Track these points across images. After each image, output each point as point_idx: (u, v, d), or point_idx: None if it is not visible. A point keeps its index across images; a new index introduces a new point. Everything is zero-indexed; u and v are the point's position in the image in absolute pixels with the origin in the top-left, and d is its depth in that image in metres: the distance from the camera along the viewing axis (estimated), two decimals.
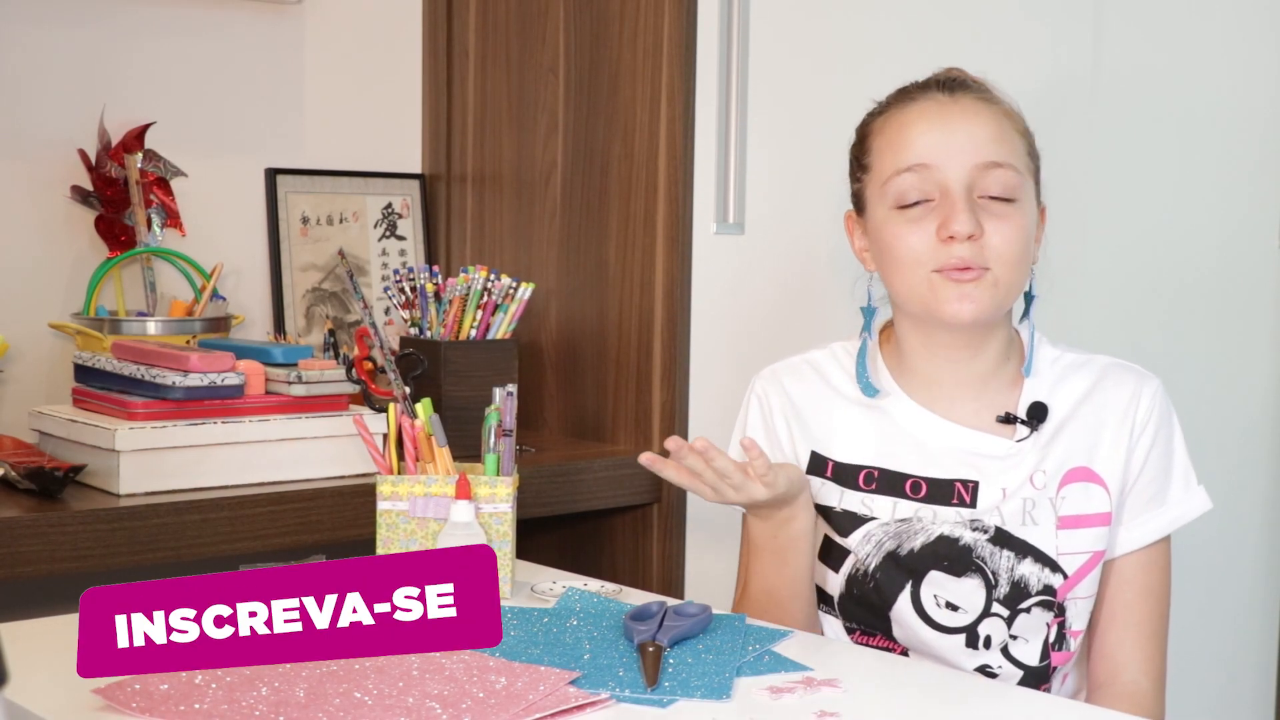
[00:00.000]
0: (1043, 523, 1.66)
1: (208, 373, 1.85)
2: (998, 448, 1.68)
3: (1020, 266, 1.64)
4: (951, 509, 1.66)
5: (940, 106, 1.65)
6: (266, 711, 1.24)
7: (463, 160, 2.47)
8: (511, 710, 1.25)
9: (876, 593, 1.67)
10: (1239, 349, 2.83)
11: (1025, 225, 1.64)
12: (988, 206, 1.62)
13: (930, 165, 1.62)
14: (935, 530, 1.66)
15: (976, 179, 1.62)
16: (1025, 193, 1.64)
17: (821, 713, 1.31)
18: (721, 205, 2.14)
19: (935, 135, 1.63)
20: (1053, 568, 1.66)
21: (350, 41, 2.42)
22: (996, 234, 1.61)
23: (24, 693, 1.28)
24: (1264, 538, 2.85)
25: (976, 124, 1.64)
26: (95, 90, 2.18)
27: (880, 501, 1.68)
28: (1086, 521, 1.67)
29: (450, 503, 1.62)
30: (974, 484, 1.67)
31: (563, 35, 2.28)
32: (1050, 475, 1.67)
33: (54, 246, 2.17)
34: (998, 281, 1.62)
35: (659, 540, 2.16)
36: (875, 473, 1.69)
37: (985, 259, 1.61)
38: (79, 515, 1.69)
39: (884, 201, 1.66)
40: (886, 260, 1.67)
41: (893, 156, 1.65)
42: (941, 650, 1.66)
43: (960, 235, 1.60)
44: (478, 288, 2.08)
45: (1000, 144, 1.63)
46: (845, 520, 1.69)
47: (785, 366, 1.78)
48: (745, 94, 2.14)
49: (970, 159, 1.62)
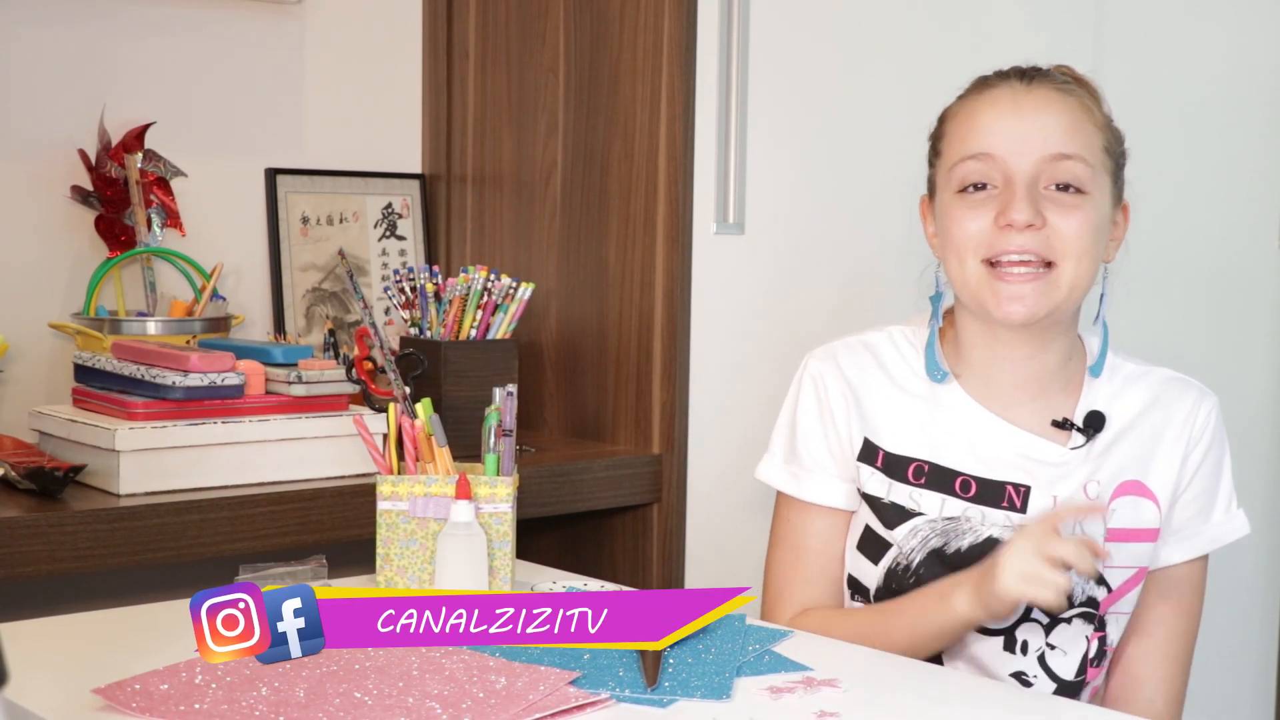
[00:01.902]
0: (1092, 534, 1.61)
1: (208, 373, 1.85)
2: (1051, 454, 1.64)
3: (1086, 261, 1.59)
4: (1001, 511, 1.62)
5: (1014, 95, 1.61)
6: (266, 711, 1.24)
7: (463, 160, 2.46)
8: (511, 710, 1.25)
9: (916, 589, 1.63)
10: (1239, 349, 2.83)
11: (1094, 219, 1.59)
12: (1054, 198, 1.58)
13: (995, 155, 1.59)
14: (984, 532, 1.62)
15: (1043, 170, 1.58)
16: (1097, 186, 1.60)
17: (821, 713, 1.30)
18: (721, 205, 2.14)
19: (1004, 124, 1.59)
20: (1098, 580, 1.62)
21: (350, 41, 2.42)
22: (1063, 224, 1.57)
23: (24, 693, 1.28)
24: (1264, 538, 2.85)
25: (1048, 114, 1.59)
26: (95, 90, 2.18)
27: (929, 497, 1.63)
28: (1135, 536, 1.64)
29: (450, 503, 1.62)
30: (1025, 488, 1.63)
31: (563, 35, 2.28)
32: (1104, 486, 1.64)
33: (54, 246, 2.17)
34: (1060, 278, 1.58)
35: (659, 540, 2.15)
36: (925, 467, 1.64)
37: (1050, 251, 1.57)
38: (79, 515, 1.69)
39: (949, 187, 1.62)
40: (945, 245, 1.63)
41: (961, 143, 1.62)
42: (978, 652, 1.63)
43: (1018, 223, 1.56)
44: (478, 288, 2.08)
45: (1072, 135, 1.58)
46: (892, 512, 1.64)
47: (842, 346, 1.71)
48: (745, 94, 2.14)
49: (1038, 150, 1.58)
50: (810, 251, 2.24)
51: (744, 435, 2.17)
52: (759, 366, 2.20)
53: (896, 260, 2.28)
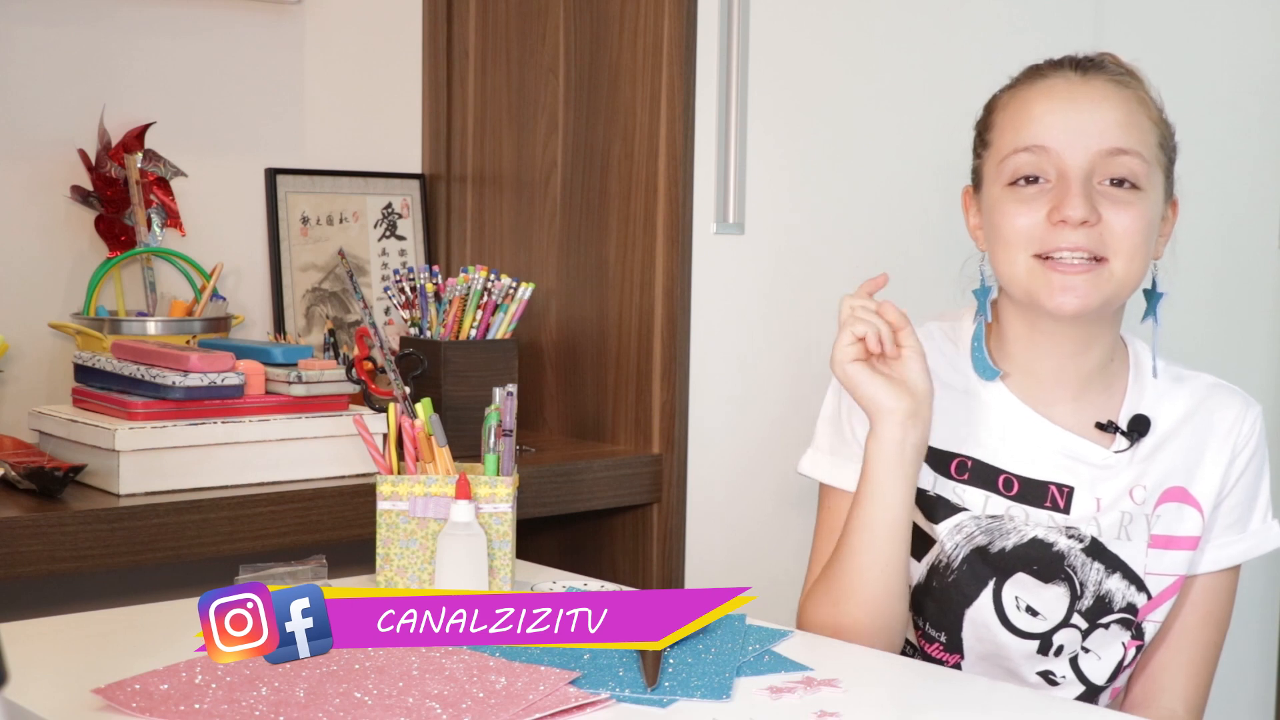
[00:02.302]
0: (1136, 539, 1.60)
1: (208, 373, 1.85)
2: (1095, 455, 1.61)
3: (1138, 259, 1.56)
4: (1044, 512, 1.60)
5: (1069, 86, 1.57)
6: (266, 711, 1.24)
7: (463, 160, 2.46)
8: (511, 710, 1.25)
9: (956, 588, 1.60)
10: (1239, 349, 2.83)
11: (1148, 216, 1.56)
12: (1108, 193, 1.55)
13: (1049, 148, 1.55)
14: (1029, 532, 1.60)
15: (1098, 164, 1.54)
16: (1151, 183, 1.57)
17: (821, 713, 1.30)
18: (721, 205, 2.14)
19: (1059, 116, 1.55)
20: (1139, 586, 1.61)
21: (350, 41, 2.42)
22: (1116, 221, 1.54)
23: (24, 693, 1.28)
24: None
25: (1105, 107, 1.56)
26: (95, 90, 2.18)
27: (972, 494, 1.61)
28: (1177, 543, 1.62)
29: (450, 503, 1.62)
30: (1069, 489, 1.60)
31: (563, 35, 2.28)
32: (1150, 491, 1.62)
33: (54, 246, 2.17)
34: (1112, 274, 1.55)
35: (659, 540, 2.15)
36: (969, 463, 1.62)
37: (1103, 247, 1.54)
38: (79, 515, 1.69)
39: (999, 179, 1.58)
40: (994, 240, 1.59)
41: (1013, 134, 1.58)
42: (1012, 655, 1.61)
43: (1073, 220, 1.52)
44: (478, 288, 2.08)
45: (1128, 130, 1.56)
46: (937, 506, 1.61)
47: None
48: (745, 94, 2.14)
49: (1094, 144, 1.54)
50: (810, 251, 2.24)
51: (744, 435, 2.17)
52: (759, 366, 2.20)
53: (897, 259, 2.28)
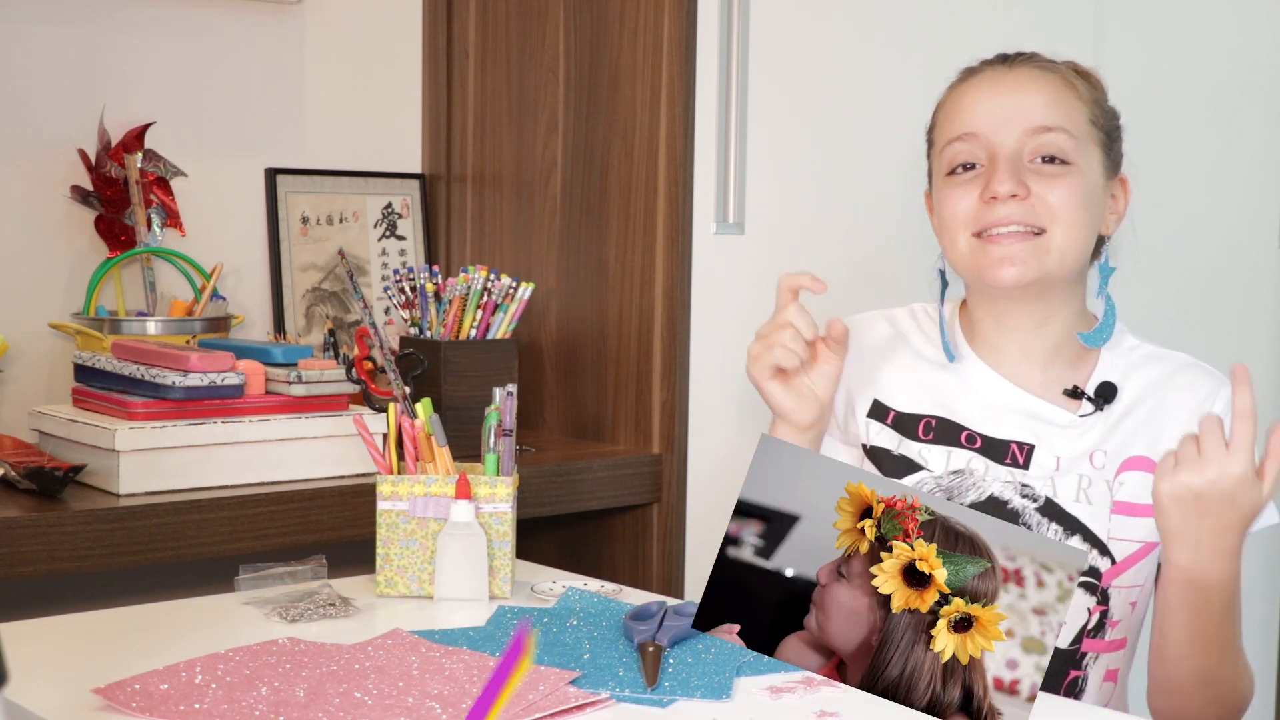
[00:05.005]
0: (1097, 503, 1.64)
1: (208, 373, 1.85)
2: (1059, 417, 1.66)
3: (1076, 229, 1.61)
4: (1004, 468, 1.65)
5: (995, 75, 1.66)
6: (266, 711, 1.24)
7: (463, 160, 2.47)
8: (511, 710, 1.25)
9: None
10: (1239, 349, 2.83)
11: (1082, 187, 1.61)
12: (1039, 169, 1.61)
13: (979, 134, 1.63)
14: (986, 489, 1.64)
15: (1026, 143, 1.61)
16: (1083, 157, 1.62)
17: (821, 713, 1.31)
18: (721, 205, 2.14)
19: (986, 104, 1.64)
20: (1101, 550, 1.64)
21: (350, 42, 2.43)
22: (1049, 194, 1.60)
23: (24, 693, 1.28)
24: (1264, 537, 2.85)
25: (1029, 89, 1.63)
26: (95, 90, 2.18)
27: (935, 452, 1.67)
28: (1142, 511, 1.64)
29: (450, 503, 1.62)
30: (1030, 446, 1.65)
31: (563, 35, 2.28)
32: (1110, 458, 1.65)
33: (54, 246, 2.17)
34: (1051, 244, 1.60)
35: (659, 540, 2.16)
36: (934, 422, 1.68)
37: (1038, 219, 1.60)
38: (79, 515, 1.69)
39: (940, 171, 1.67)
40: (940, 229, 1.68)
41: (949, 127, 1.66)
42: None
43: (1001, 195, 1.59)
44: (478, 288, 2.08)
45: (1053, 108, 1.62)
46: (900, 465, 1.68)
47: (867, 318, 1.79)
48: (745, 94, 2.14)
49: (1019, 125, 1.61)
50: (810, 251, 2.24)
51: (744, 435, 2.17)
52: None
53: (896, 259, 2.28)
